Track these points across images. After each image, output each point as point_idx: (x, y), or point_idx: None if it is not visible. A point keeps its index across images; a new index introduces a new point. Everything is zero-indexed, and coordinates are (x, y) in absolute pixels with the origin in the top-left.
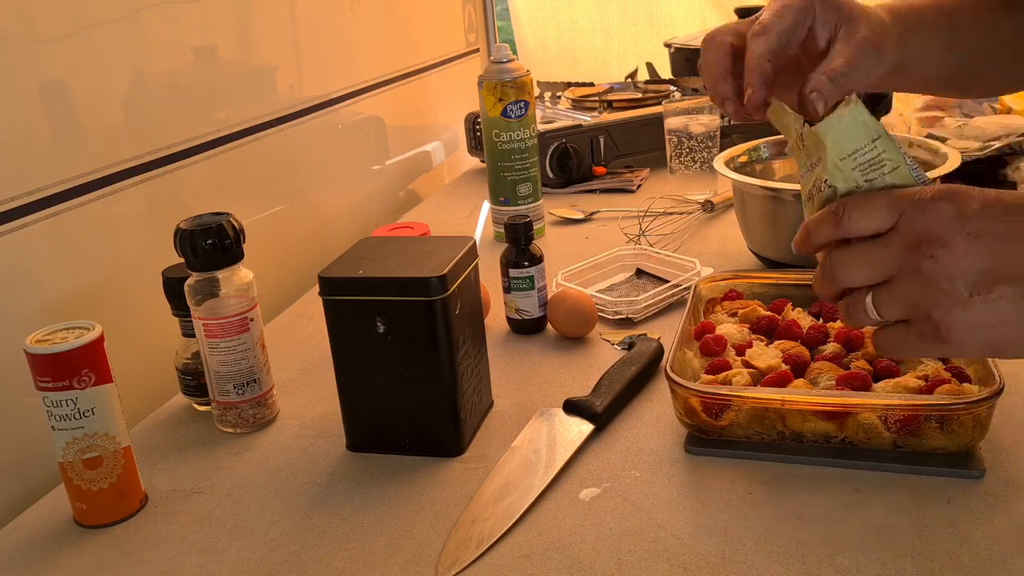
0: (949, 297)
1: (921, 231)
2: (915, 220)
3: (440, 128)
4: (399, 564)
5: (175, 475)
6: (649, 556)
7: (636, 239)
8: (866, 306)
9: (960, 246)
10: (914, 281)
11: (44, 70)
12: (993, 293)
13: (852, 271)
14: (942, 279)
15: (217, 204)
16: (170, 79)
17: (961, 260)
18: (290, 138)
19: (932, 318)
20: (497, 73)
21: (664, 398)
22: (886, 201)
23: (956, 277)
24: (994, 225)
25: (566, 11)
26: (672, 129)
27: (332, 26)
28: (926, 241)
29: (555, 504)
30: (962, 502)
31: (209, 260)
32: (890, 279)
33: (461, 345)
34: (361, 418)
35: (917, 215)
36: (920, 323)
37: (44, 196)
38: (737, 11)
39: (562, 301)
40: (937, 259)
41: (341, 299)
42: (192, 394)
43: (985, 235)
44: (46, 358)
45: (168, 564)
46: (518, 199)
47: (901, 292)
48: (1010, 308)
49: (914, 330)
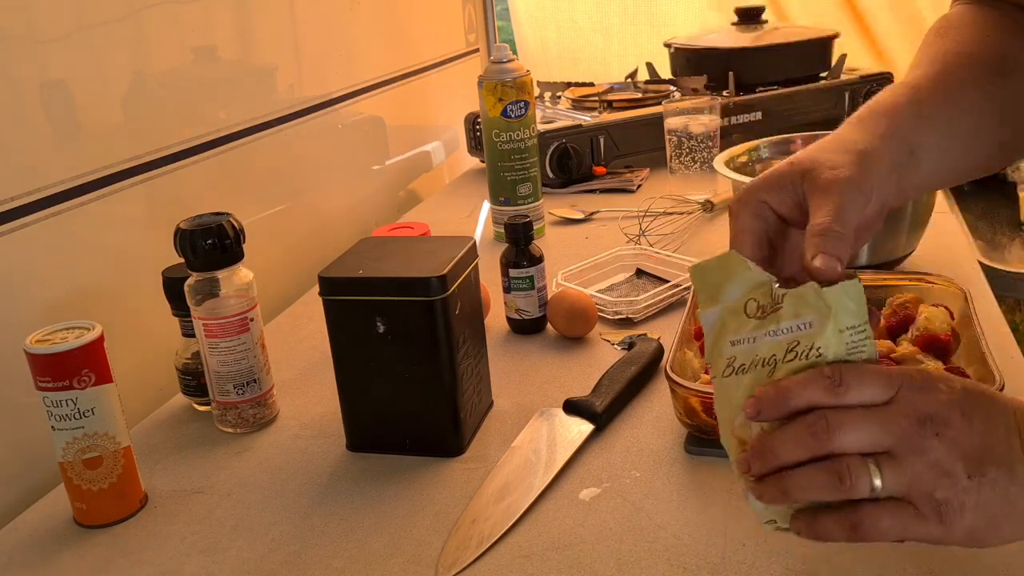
0: (952, 477)
1: (922, 408)
2: (915, 395)
3: (440, 128)
4: (399, 564)
5: (175, 475)
6: (649, 556)
7: (636, 239)
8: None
9: (959, 423)
10: (921, 458)
11: (44, 70)
12: (986, 476)
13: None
14: (946, 459)
15: (217, 204)
16: (170, 79)
17: (962, 440)
18: (290, 138)
19: (935, 498)
20: (497, 73)
21: (664, 398)
22: (884, 374)
23: (958, 458)
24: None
25: (566, 11)
26: (672, 129)
27: (332, 26)
28: (930, 419)
29: (555, 504)
30: None
31: (209, 260)
32: (890, 451)
33: (461, 345)
34: (361, 418)
35: (916, 391)
36: (921, 502)
37: (44, 196)
38: (737, 11)
39: (562, 301)
40: (942, 437)
41: (341, 299)
42: (192, 394)
43: (974, 416)
44: (46, 358)
45: (168, 564)
46: (518, 199)
47: (907, 467)
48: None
49: (912, 511)
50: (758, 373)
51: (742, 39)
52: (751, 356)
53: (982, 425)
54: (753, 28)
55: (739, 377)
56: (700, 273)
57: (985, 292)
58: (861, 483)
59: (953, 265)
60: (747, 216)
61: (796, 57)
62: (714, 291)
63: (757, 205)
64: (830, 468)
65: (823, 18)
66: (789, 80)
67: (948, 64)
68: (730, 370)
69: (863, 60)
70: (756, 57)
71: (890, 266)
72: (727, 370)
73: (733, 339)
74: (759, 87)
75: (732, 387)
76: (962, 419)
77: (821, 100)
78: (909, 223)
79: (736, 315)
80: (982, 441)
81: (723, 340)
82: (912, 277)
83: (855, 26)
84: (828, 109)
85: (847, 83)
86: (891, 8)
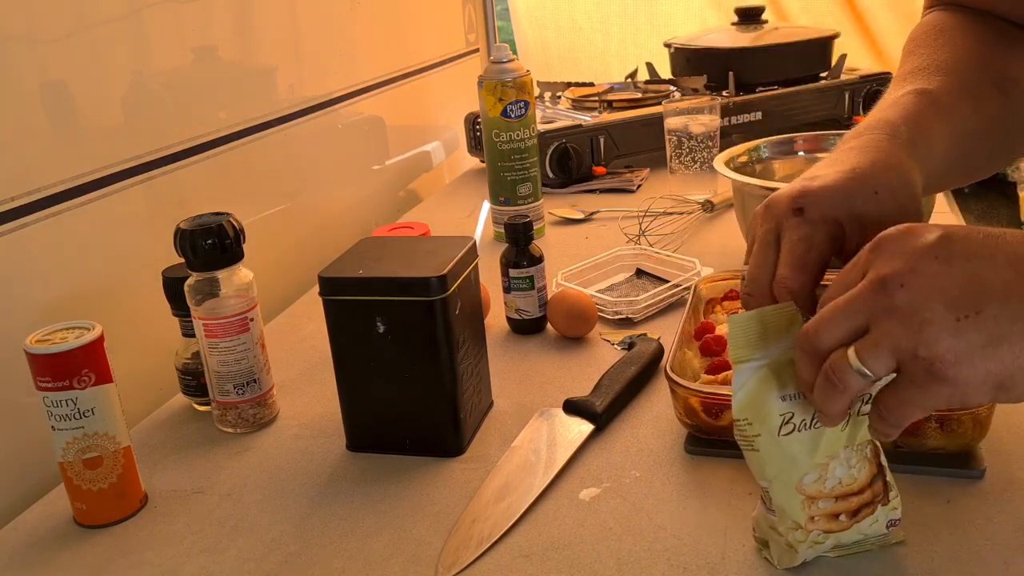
0: (932, 324)
1: (882, 269)
2: (878, 262)
3: (440, 128)
4: (399, 564)
5: (175, 475)
6: (649, 556)
7: (636, 239)
8: (850, 362)
9: (930, 268)
10: (891, 320)
11: (44, 70)
12: (983, 313)
13: (827, 328)
14: (920, 306)
15: (217, 204)
16: (170, 79)
17: (934, 281)
18: (290, 138)
19: (920, 356)
20: (497, 73)
21: (664, 398)
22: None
23: (935, 301)
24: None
25: (566, 11)
26: (672, 129)
27: (332, 26)
28: (891, 274)
29: (555, 504)
30: (962, 502)
31: (209, 260)
32: (867, 328)
33: (461, 345)
34: (361, 418)
35: (880, 258)
36: (911, 367)
37: (44, 196)
38: (737, 11)
39: (562, 301)
40: (908, 286)
41: (341, 299)
42: (192, 394)
43: (956, 257)
44: (46, 358)
45: (168, 564)
46: (518, 199)
47: (881, 335)
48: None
49: (906, 379)
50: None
51: (742, 39)
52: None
53: (966, 263)
54: (753, 28)
55: (802, 434)
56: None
57: None
58: (848, 377)
59: None
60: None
61: (796, 57)
62: (756, 342)
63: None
64: (823, 375)
65: (823, 18)
66: (789, 80)
67: (962, 79)
68: (790, 427)
69: (863, 60)
70: (756, 57)
71: None
72: (785, 427)
73: (783, 394)
74: (759, 87)
75: (794, 444)
76: (935, 263)
77: (821, 100)
78: None
79: (786, 368)
80: (968, 279)
81: (770, 394)
82: None
83: (855, 26)
84: (828, 109)
85: (847, 83)
86: (891, 8)
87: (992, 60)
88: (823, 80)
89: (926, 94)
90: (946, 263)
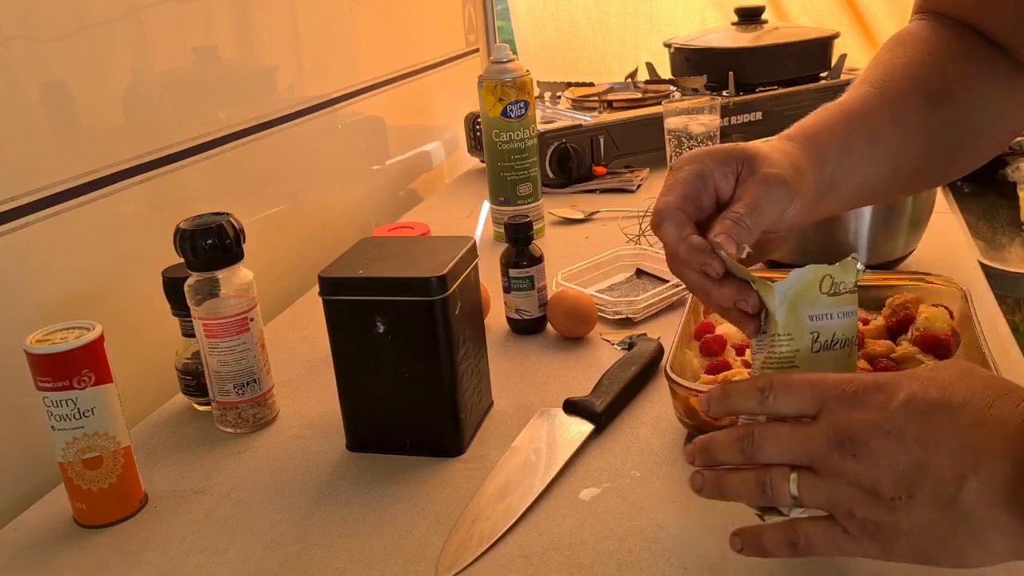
0: (871, 497)
1: (842, 428)
2: (839, 413)
3: (440, 128)
4: (399, 564)
5: (175, 475)
6: (649, 556)
7: (636, 239)
8: (789, 487)
9: (879, 449)
10: (836, 479)
11: (44, 70)
12: (915, 497)
13: (774, 448)
14: (864, 480)
15: (217, 204)
16: (170, 79)
17: (881, 464)
18: (290, 138)
19: (856, 517)
20: (497, 73)
21: (664, 398)
22: (815, 386)
23: (878, 480)
24: (915, 426)
25: (566, 11)
26: (672, 129)
27: (332, 26)
28: (849, 439)
29: (555, 504)
30: None
31: (209, 260)
32: (811, 467)
33: (461, 345)
34: (361, 418)
35: (843, 406)
36: (844, 520)
37: (44, 196)
38: (737, 11)
39: (562, 301)
40: (859, 459)
41: (341, 299)
42: (192, 394)
43: (906, 436)
44: (46, 358)
45: (168, 564)
46: (518, 199)
47: (825, 485)
48: (932, 512)
49: (839, 528)
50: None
51: (742, 39)
52: (830, 334)
53: (917, 445)
54: (753, 28)
55: (827, 353)
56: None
57: (985, 292)
58: (780, 493)
59: (953, 265)
60: (690, 171)
61: (796, 57)
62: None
63: (702, 167)
64: (756, 476)
65: (823, 18)
66: (789, 80)
67: (888, 89)
68: (818, 346)
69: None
70: (756, 57)
71: (890, 266)
72: (815, 345)
73: (811, 313)
74: (759, 87)
75: (823, 363)
76: (887, 439)
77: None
78: (908, 223)
79: (811, 288)
80: (910, 461)
81: (802, 312)
82: (912, 277)
83: (855, 26)
84: None
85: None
86: (891, 8)
87: (934, 71)
88: (823, 80)
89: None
90: (896, 440)
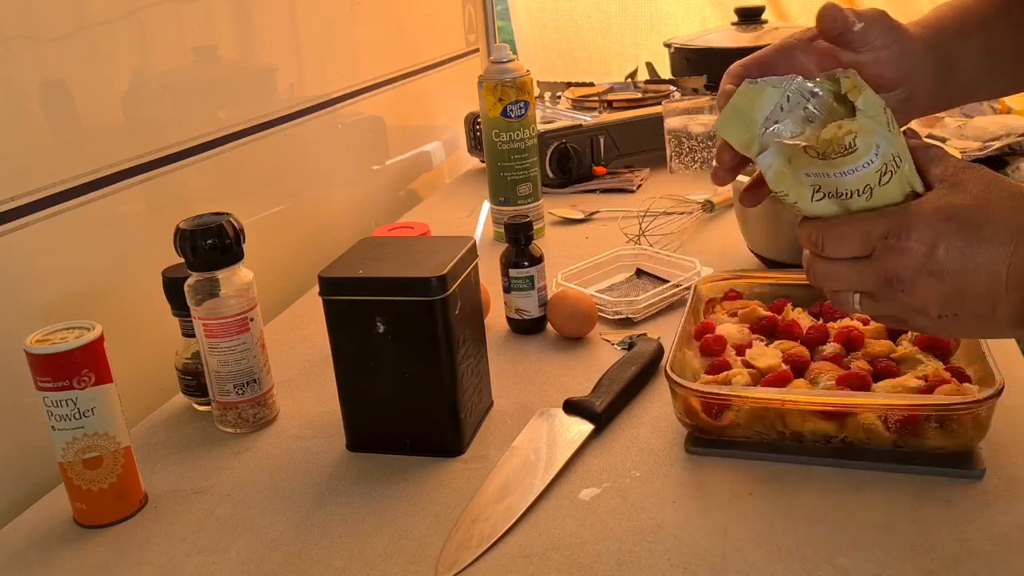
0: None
1: (890, 270)
2: (885, 259)
3: (440, 128)
4: (399, 564)
5: (175, 475)
6: (649, 556)
7: (636, 239)
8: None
9: (921, 287)
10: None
11: (44, 70)
12: (959, 315)
13: (834, 284)
14: (915, 305)
15: (217, 204)
16: (170, 79)
17: (927, 296)
18: (290, 138)
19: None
20: (497, 73)
21: (664, 398)
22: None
23: (925, 307)
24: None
25: (566, 11)
26: (672, 129)
27: (332, 26)
28: (896, 278)
29: (555, 504)
30: (962, 502)
31: (209, 260)
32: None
33: (461, 345)
34: (361, 418)
35: (886, 255)
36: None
37: (44, 196)
38: (737, 11)
39: (562, 301)
40: (908, 293)
41: (341, 299)
42: (192, 394)
43: (946, 273)
44: (46, 358)
45: (168, 564)
46: (518, 199)
47: (883, 307)
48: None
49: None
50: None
51: (742, 39)
52: (834, 187)
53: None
54: (753, 28)
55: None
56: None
57: None
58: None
59: None
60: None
61: None
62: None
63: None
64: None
65: None
66: None
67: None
68: (820, 195)
69: None
70: None
71: None
72: (816, 195)
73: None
74: None
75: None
76: (930, 278)
77: None
78: None
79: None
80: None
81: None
82: None
83: None
84: None
85: None
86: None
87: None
88: None
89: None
90: (937, 279)
